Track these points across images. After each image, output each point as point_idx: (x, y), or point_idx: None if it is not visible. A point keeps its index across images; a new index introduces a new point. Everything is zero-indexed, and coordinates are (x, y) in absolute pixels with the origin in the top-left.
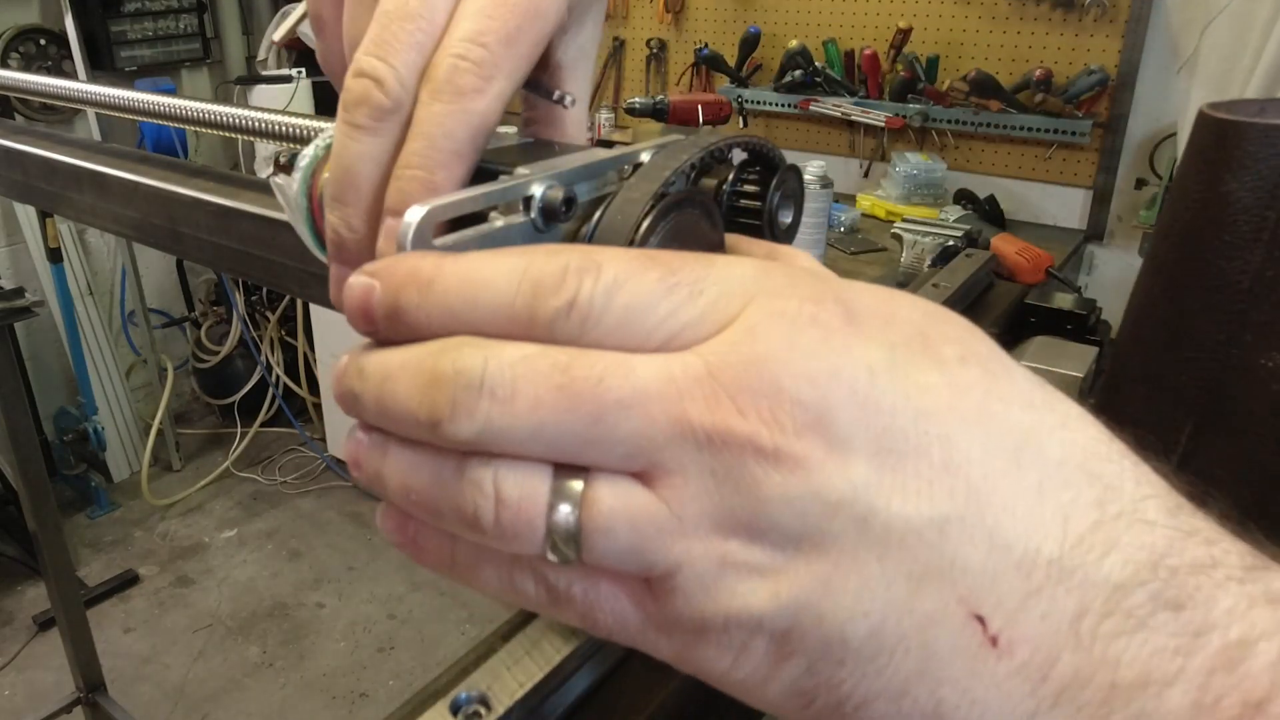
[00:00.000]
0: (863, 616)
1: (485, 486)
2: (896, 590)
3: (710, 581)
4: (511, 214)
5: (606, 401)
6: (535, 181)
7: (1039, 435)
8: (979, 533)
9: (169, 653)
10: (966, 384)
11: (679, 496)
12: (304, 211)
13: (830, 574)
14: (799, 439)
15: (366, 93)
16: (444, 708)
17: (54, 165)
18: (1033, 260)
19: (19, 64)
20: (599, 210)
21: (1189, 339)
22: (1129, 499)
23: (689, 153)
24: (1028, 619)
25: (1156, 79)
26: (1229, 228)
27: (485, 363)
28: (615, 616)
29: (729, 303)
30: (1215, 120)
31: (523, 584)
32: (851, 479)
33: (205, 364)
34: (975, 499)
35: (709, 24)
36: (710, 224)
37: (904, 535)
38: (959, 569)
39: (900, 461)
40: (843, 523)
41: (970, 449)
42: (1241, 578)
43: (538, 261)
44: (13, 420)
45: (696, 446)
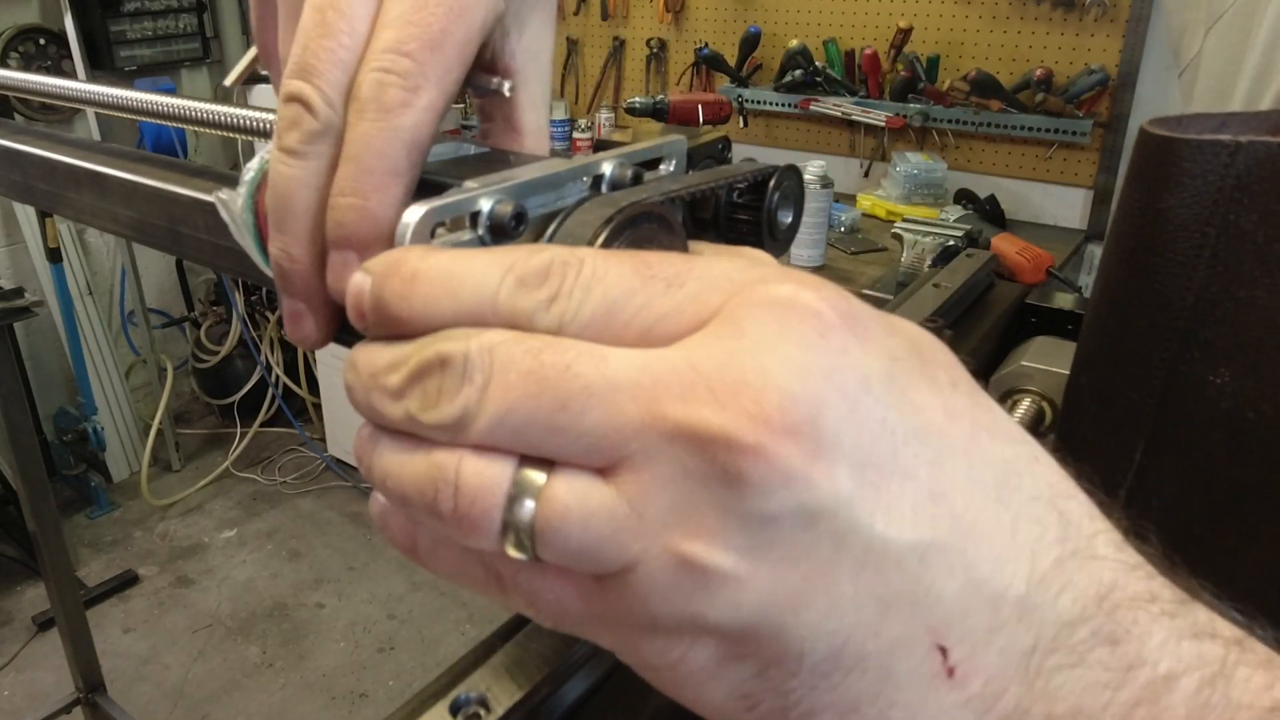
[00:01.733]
0: (826, 636)
1: (448, 472)
2: (865, 613)
3: (666, 583)
4: (459, 230)
5: (573, 388)
6: (483, 196)
7: (1017, 470)
8: (958, 565)
9: (169, 653)
10: (957, 410)
11: (641, 493)
12: (250, 228)
13: (799, 588)
14: (783, 438)
15: (295, 118)
16: (444, 708)
17: (53, 165)
18: (1033, 260)
19: (18, 63)
20: (553, 224)
21: (1137, 358)
22: (1084, 535)
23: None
24: (987, 653)
25: (1157, 79)
26: (1169, 246)
27: (468, 347)
28: (559, 607)
29: (710, 294)
30: (1152, 137)
31: (470, 568)
32: (835, 490)
33: (205, 364)
34: (957, 530)
35: (709, 24)
36: (671, 236)
37: (883, 557)
38: (933, 599)
39: (887, 480)
40: (820, 535)
41: (956, 478)
42: (1174, 612)
43: (522, 257)
44: (12, 420)
45: (666, 440)
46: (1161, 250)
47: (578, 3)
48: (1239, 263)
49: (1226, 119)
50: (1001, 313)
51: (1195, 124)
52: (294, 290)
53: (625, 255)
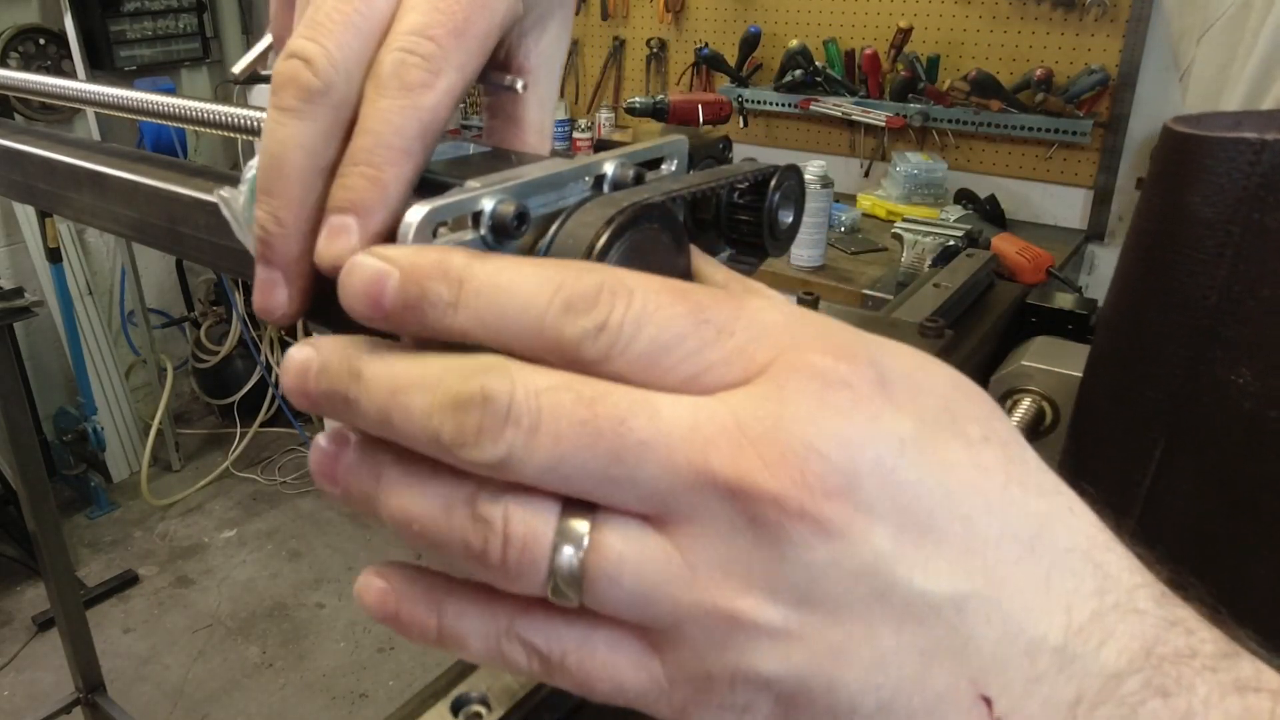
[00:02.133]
0: (874, 689)
1: (495, 522)
2: (909, 665)
3: (720, 637)
4: (460, 230)
5: (629, 441)
6: (485, 196)
7: (1051, 522)
8: (995, 615)
9: (168, 653)
10: (989, 465)
11: (694, 546)
12: (252, 225)
13: (844, 643)
14: (826, 502)
15: (294, 73)
16: (444, 708)
17: (53, 165)
18: (1033, 260)
19: (18, 63)
20: (555, 225)
21: (1156, 357)
22: (1124, 588)
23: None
24: (1030, 704)
25: (1157, 79)
26: (1192, 243)
27: (513, 388)
28: (614, 675)
29: (758, 350)
30: (1176, 134)
31: (512, 653)
32: (875, 548)
33: (205, 364)
34: (992, 581)
35: (709, 24)
36: (673, 239)
37: (923, 611)
38: (972, 650)
39: (923, 536)
40: (863, 592)
41: (989, 531)
42: (1214, 666)
43: (570, 277)
44: (12, 420)
45: (719, 498)
46: (1183, 248)
47: (578, 3)
48: (1263, 261)
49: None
50: (1002, 313)
51: (1216, 121)
52: (273, 257)
53: (677, 291)
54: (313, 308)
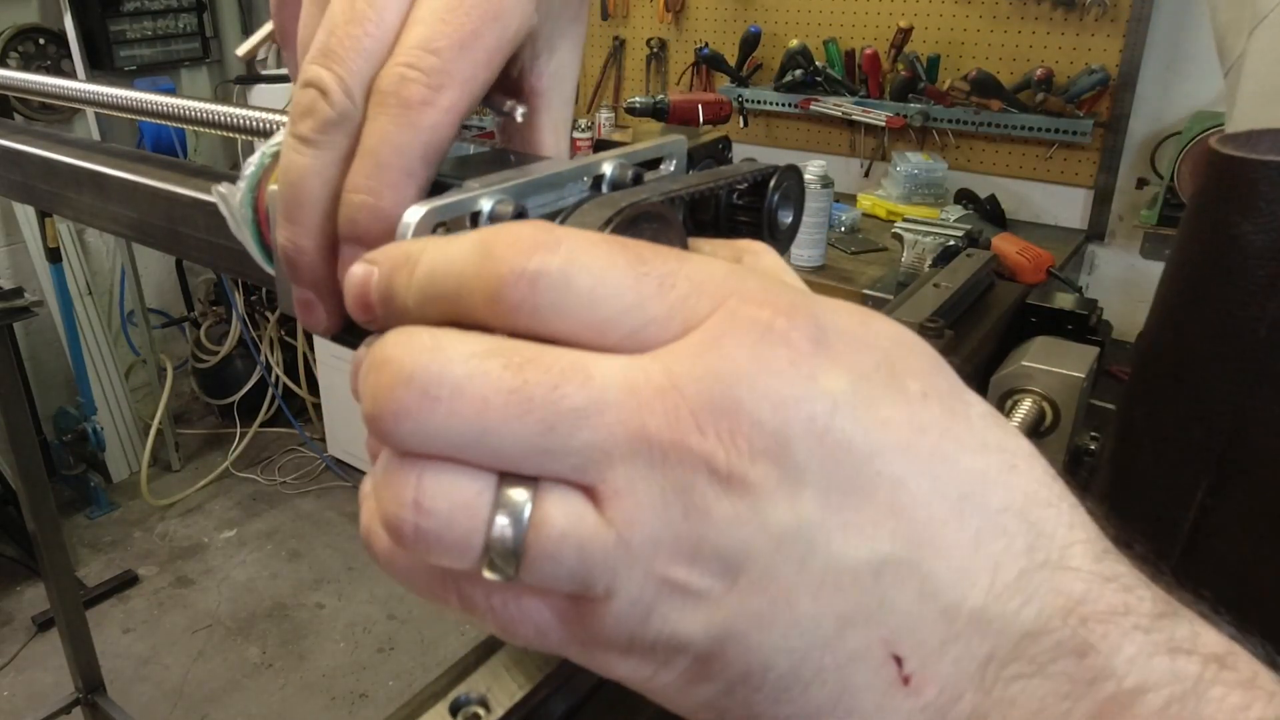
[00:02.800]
0: (787, 652)
1: (405, 494)
2: (825, 628)
3: (646, 605)
4: (459, 230)
5: (562, 409)
6: (484, 196)
7: (985, 481)
8: (912, 578)
9: (168, 653)
10: (925, 423)
11: (627, 518)
12: (249, 224)
13: (764, 608)
14: (753, 464)
15: (311, 105)
16: (444, 709)
17: (53, 165)
18: (1034, 260)
19: (18, 63)
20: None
21: (1201, 392)
22: (1058, 545)
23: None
24: (941, 662)
25: (1158, 78)
26: (1242, 274)
27: (429, 357)
28: (536, 630)
29: (699, 302)
30: (1224, 157)
31: (437, 590)
32: (799, 513)
33: (205, 364)
34: (914, 544)
35: (709, 23)
36: (671, 240)
37: (840, 576)
38: (886, 610)
39: (847, 499)
40: (784, 557)
41: (918, 492)
42: (1148, 626)
43: (498, 232)
44: (12, 420)
45: (650, 463)
46: (1232, 279)
47: None
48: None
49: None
50: (1002, 313)
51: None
52: (303, 280)
53: (611, 242)
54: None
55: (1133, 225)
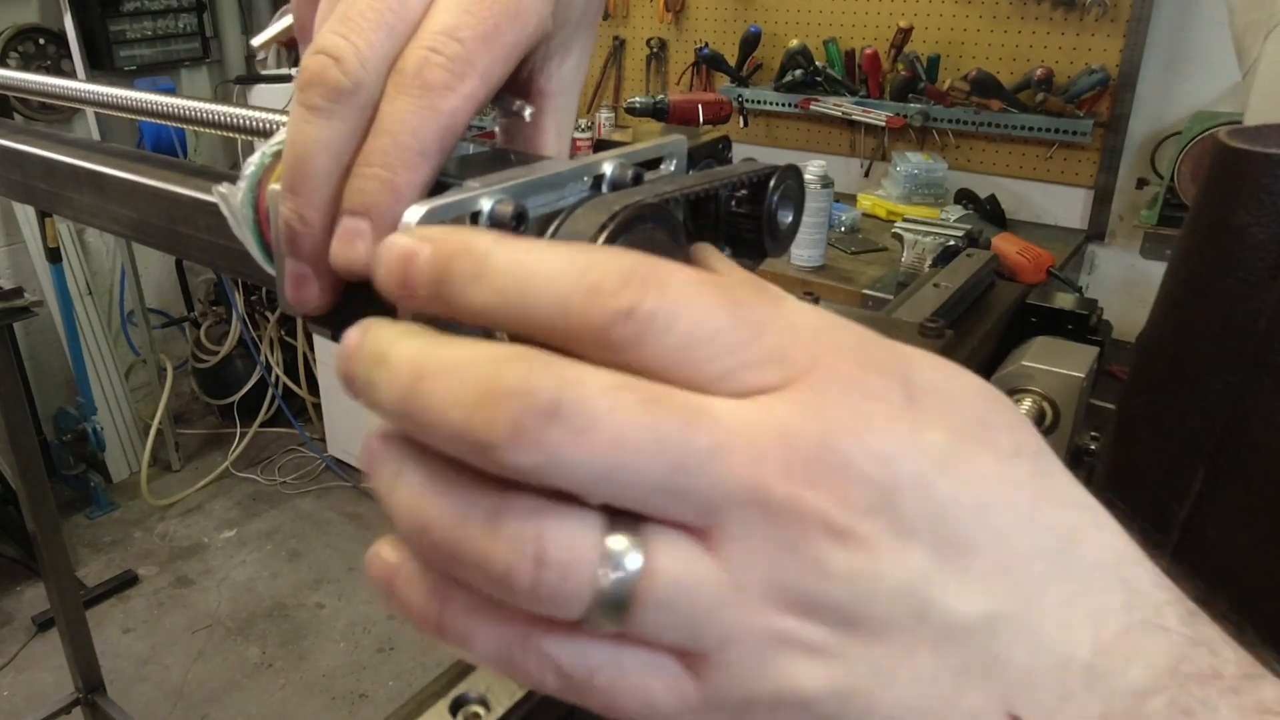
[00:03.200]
0: (910, 709)
1: (524, 544)
2: (944, 685)
3: (763, 658)
4: None
5: (692, 449)
6: (484, 195)
7: (1079, 537)
8: (1025, 633)
9: (168, 653)
10: (1019, 478)
11: (741, 565)
12: (250, 223)
13: (884, 662)
14: (865, 520)
15: (322, 71)
16: (444, 708)
17: (53, 165)
18: (1034, 260)
19: (18, 63)
20: (553, 225)
21: (1201, 383)
22: (1151, 605)
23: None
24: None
25: (1158, 78)
26: (1242, 265)
27: (561, 385)
28: (645, 699)
29: (795, 353)
30: (1229, 150)
31: (526, 664)
32: (910, 566)
33: (205, 364)
34: (1023, 599)
35: (709, 23)
36: (671, 240)
37: (957, 630)
38: (1003, 668)
39: (956, 553)
40: (902, 611)
41: (1020, 547)
42: (1237, 688)
43: (600, 261)
44: (12, 420)
45: (767, 514)
46: (1233, 270)
47: None
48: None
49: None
50: (1002, 313)
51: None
52: (301, 253)
53: (713, 283)
54: (334, 309)
55: (1133, 225)
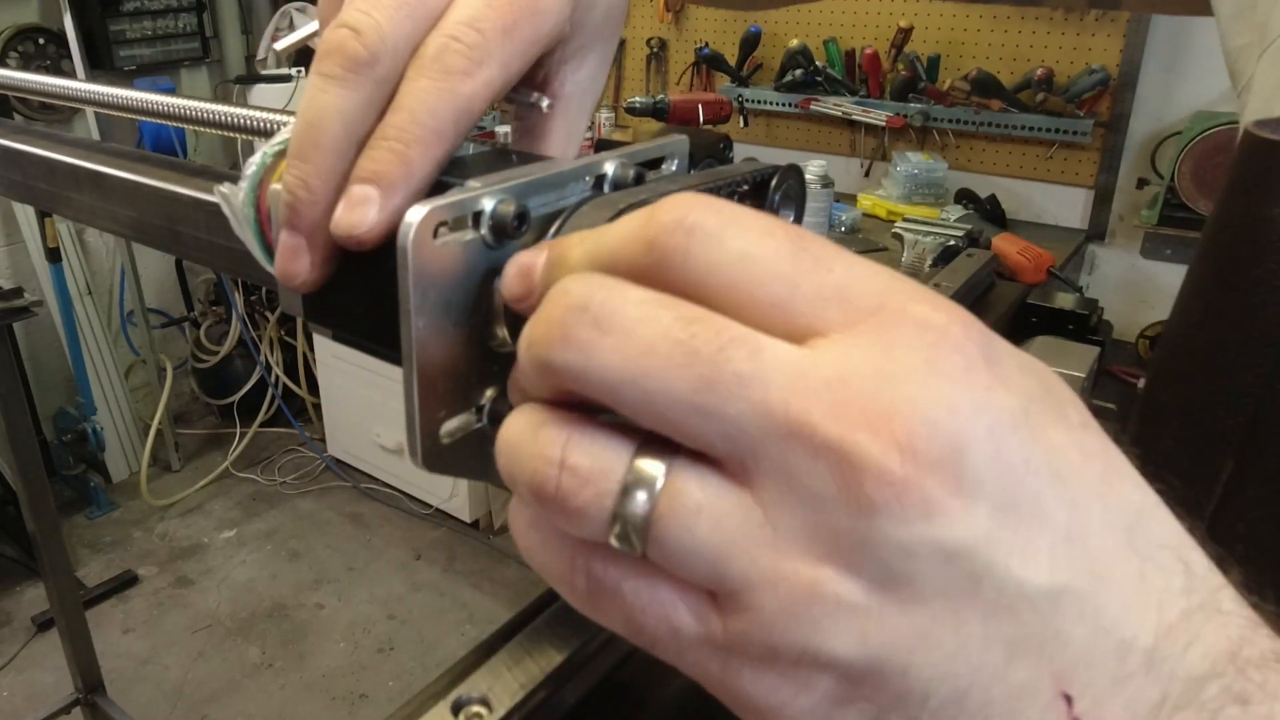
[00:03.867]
0: (952, 678)
1: (553, 449)
2: (993, 656)
3: (793, 608)
4: (461, 230)
5: (726, 370)
6: (485, 195)
7: (1144, 515)
8: (1088, 610)
9: (168, 653)
10: (1090, 451)
11: (778, 503)
12: (251, 222)
13: (928, 627)
14: (929, 474)
15: (341, 42)
16: (444, 709)
17: (53, 165)
18: (1034, 260)
19: (17, 63)
20: (555, 225)
21: (1229, 376)
22: (1209, 588)
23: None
24: (1112, 705)
25: (1158, 78)
26: (1271, 256)
27: (597, 289)
28: (667, 626)
29: (857, 293)
30: (1260, 140)
31: (565, 570)
32: (973, 528)
33: (204, 364)
34: (1091, 574)
35: (709, 23)
36: None
37: (1015, 600)
38: (1060, 644)
39: (1025, 521)
40: (954, 574)
41: (1091, 520)
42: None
43: (660, 200)
44: (11, 420)
45: (812, 455)
46: (1263, 261)
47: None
48: None
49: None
50: (1002, 313)
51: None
52: (299, 223)
53: (776, 220)
54: (311, 308)
55: (1133, 225)
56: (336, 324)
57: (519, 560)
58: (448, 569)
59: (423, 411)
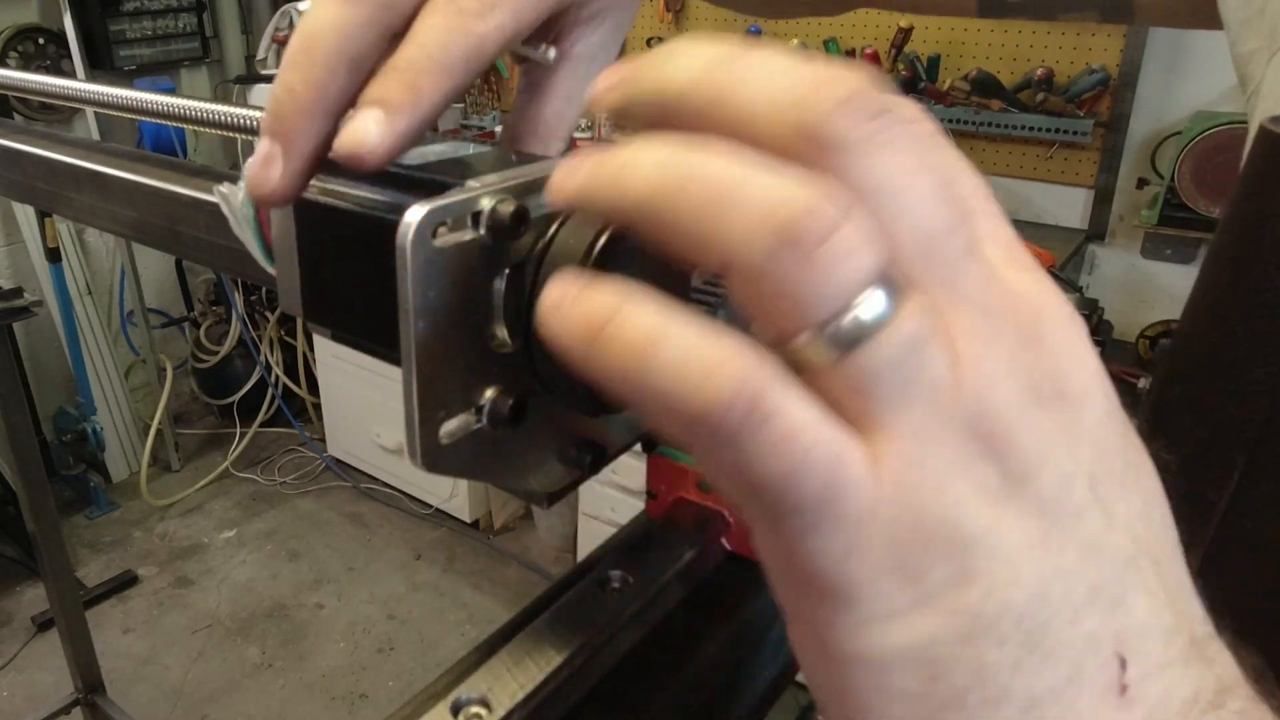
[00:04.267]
0: (1040, 599)
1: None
2: (1076, 595)
3: (943, 469)
4: (460, 230)
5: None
6: (484, 195)
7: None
8: (1151, 584)
9: (168, 653)
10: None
11: (975, 366)
12: (251, 222)
13: (1035, 534)
14: (1058, 400)
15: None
16: (444, 709)
17: (53, 165)
18: None
19: (17, 63)
20: (555, 224)
21: (1243, 372)
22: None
23: None
24: (1154, 684)
25: (1158, 78)
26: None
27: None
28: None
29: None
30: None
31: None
32: (1080, 462)
33: (204, 364)
34: (1157, 553)
35: (709, 23)
36: None
37: (1104, 548)
38: (1125, 609)
39: (1115, 478)
40: (1067, 498)
41: (1155, 504)
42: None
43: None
44: (11, 420)
45: (1018, 336)
46: (1273, 256)
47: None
48: None
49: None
50: None
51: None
52: (279, 128)
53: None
54: (311, 308)
55: (1133, 225)
56: (336, 324)
57: (519, 560)
58: (448, 569)
59: (422, 411)
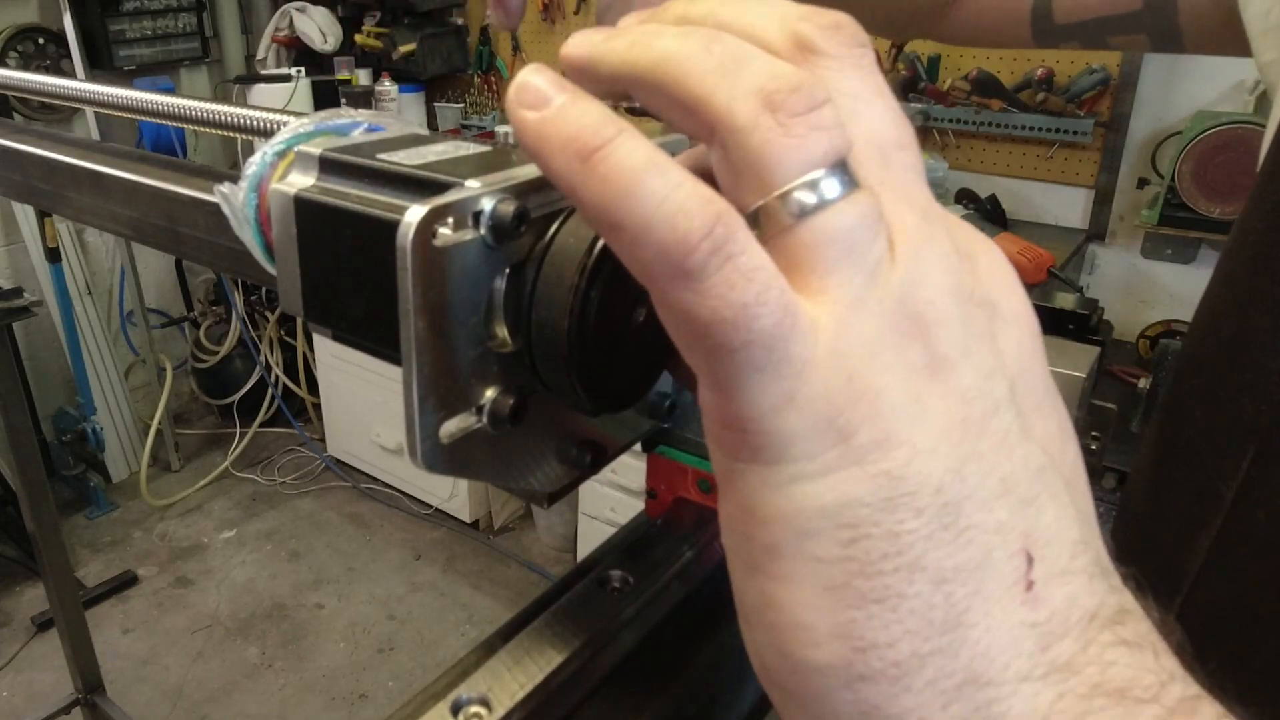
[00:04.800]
0: (958, 480)
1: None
2: (989, 485)
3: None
4: (460, 229)
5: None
6: (485, 195)
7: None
8: (1060, 496)
9: (168, 654)
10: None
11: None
12: (251, 222)
13: (955, 422)
14: (986, 301)
15: None
16: (444, 709)
17: (52, 164)
18: (1034, 260)
19: (17, 63)
20: (555, 224)
21: (1254, 362)
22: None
23: None
24: (1059, 588)
25: (1158, 78)
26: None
27: None
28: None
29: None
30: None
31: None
32: (1001, 363)
33: (204, 364)
34: (1070, 478)
35: None
36: None
37: (1015, 447)
38: (1035, 511)
39: (1035, 401)
40: (989, 389)
41: (1070, 442)
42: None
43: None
44: (11, 420)
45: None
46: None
47: (577, 3)
48: None
49: None
50: None
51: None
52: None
53: None
54: (311, 308)
55: (1134, 225)
56: (336, 324)
57: (519, 560)
58: (448, 569)
59: (422, 412)
